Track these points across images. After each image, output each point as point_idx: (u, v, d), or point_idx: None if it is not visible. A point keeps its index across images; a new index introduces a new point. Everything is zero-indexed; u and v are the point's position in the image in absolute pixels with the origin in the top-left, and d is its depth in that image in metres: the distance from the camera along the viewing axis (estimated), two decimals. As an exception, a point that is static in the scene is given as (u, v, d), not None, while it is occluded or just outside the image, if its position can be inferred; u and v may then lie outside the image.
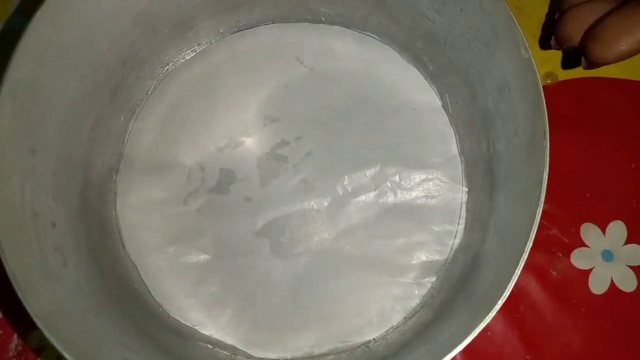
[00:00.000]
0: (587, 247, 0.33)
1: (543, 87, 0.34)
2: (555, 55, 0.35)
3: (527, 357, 0.31)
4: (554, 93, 0.35)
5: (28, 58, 0.24)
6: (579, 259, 0.33)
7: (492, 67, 0.26)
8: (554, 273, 0.32)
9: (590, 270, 0.32)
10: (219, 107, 0.32)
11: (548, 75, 0.35)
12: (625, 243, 0.33)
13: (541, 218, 0.23)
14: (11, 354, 0.30)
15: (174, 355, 0.27)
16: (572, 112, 0.34)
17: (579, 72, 0.35)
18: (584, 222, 0.33)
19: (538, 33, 0.36)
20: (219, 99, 0.32)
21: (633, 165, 0.34)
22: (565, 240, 0.33)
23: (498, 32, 0.25)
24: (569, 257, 0.33)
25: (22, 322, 0.30)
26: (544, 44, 0.35)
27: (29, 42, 0.24)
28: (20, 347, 0.30)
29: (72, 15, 0.25)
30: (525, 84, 0.24)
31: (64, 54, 0.25)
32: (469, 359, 0.31)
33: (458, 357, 0.31)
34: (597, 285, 0.32)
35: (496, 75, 0.26)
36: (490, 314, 0.22)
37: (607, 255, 0.33)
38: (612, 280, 0.32)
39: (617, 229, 0.33)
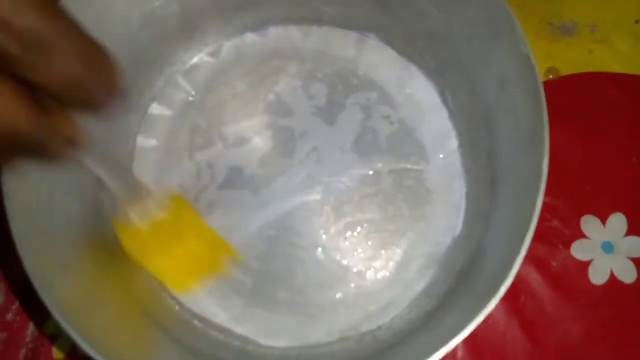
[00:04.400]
0: (588, 238, 0.33)
1: (545, 82, 0.35)
2: (558, 51, 0.36)
3: (528, 345, 0.32)
4: (556, 88, 0.35)
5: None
6: (579, 251, 0.33)
7: (493, 63, 0.27)
8: (554, 264, 0.33)
9: (591, 261, 0.33)
10: (227, 105, 0.33)
11: (550, 70, 0.35)
12: (626, 235, 0.33)
13: (542, 210, 0.24)
14: (28, 339, 0.31)
15: (186, 345, 0.27)
16: (574, 106, 0.35)
17: (581, 68, 0.36)
18: (584, 214, 0.33)
19: (541, 30, 0.36)
20: (227, 98, 0.33)
21: (634, 159, 0.34)
22: (566, 232, 0.33)
23: (498, 28, 0.25)
24: (569, 248, 0.33)
25: (38, 309, 0.31)
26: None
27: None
28: (36, 334, 0.31)
29: (82, 18, 0.26)
30: (525, 78, 0.25)
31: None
32: (472, 347, 0.32)
33: (461, 345, 0.32)
34: (597, 277, 0.32)
35: (496, 70, 0.27)
36: (491, 302, 0.23)
37: (608, 247, 0.33)
38: (612, 272, 0.33)
39: (618, 221, 0.33)
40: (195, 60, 0.33)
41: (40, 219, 0.24)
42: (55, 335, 0.32)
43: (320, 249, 0.31)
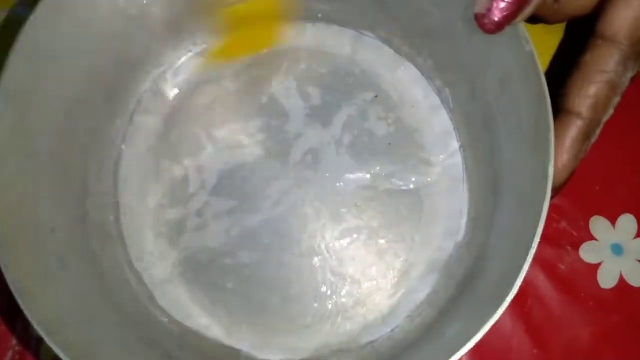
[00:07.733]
0: (597, 240, 0.32)
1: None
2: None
3: (534, 351, 0.31)
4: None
5: (22, 63, 0.24)
6: (588, 253, 0.32)
7: (493, 61, 0.26)
8: (562, 267, 0.32)
9: (600, 264, 0.32)
10: (217, 108, 0.32)
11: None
12: (636, 237, 0.32)
13: (550, 211, 0.23)
14: (15, 342, 0.31)
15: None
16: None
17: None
18: (593, 216, 0.33)
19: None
20: (217, 100, 0.32)
21: (644, 158, 0.33)
22: (575, 233, 0.32)
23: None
24: (577, 250, 0.32)
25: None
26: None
27: (23, 46, 0.24)
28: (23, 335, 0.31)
29: (66, 18, 0.25)
30: (528, 76, 0.24)
31: (58, 57, 0.25)
32: (476, 353, 0.31)
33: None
34: (606, 280, 0.32)
35: (498, 69, 0.26)
36: (496, 313, 0.22)
37: (617, 249, 0.32)
38: (621, 275, 0.32)
39: (627, 222, 0.32)
40: (184, 60, 0.32)
41: (22, 227, 0.24)
42: (41, 338, 0.31)
43: (316, 257, 0.30)
